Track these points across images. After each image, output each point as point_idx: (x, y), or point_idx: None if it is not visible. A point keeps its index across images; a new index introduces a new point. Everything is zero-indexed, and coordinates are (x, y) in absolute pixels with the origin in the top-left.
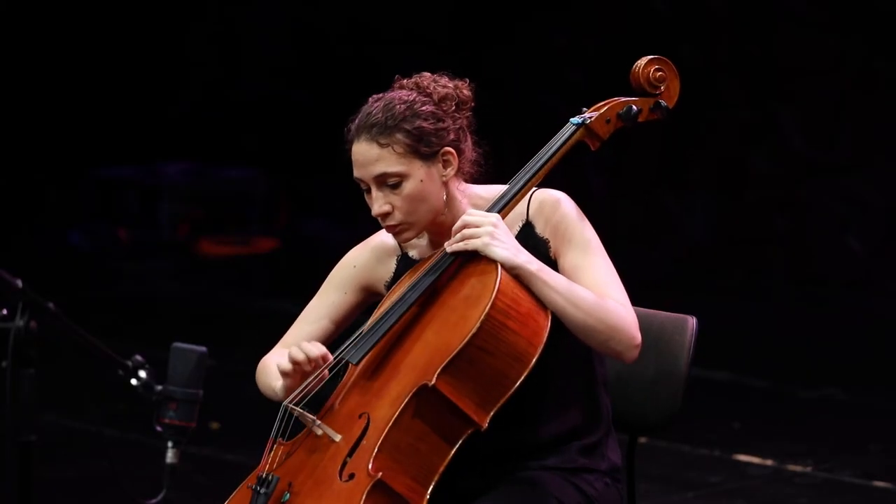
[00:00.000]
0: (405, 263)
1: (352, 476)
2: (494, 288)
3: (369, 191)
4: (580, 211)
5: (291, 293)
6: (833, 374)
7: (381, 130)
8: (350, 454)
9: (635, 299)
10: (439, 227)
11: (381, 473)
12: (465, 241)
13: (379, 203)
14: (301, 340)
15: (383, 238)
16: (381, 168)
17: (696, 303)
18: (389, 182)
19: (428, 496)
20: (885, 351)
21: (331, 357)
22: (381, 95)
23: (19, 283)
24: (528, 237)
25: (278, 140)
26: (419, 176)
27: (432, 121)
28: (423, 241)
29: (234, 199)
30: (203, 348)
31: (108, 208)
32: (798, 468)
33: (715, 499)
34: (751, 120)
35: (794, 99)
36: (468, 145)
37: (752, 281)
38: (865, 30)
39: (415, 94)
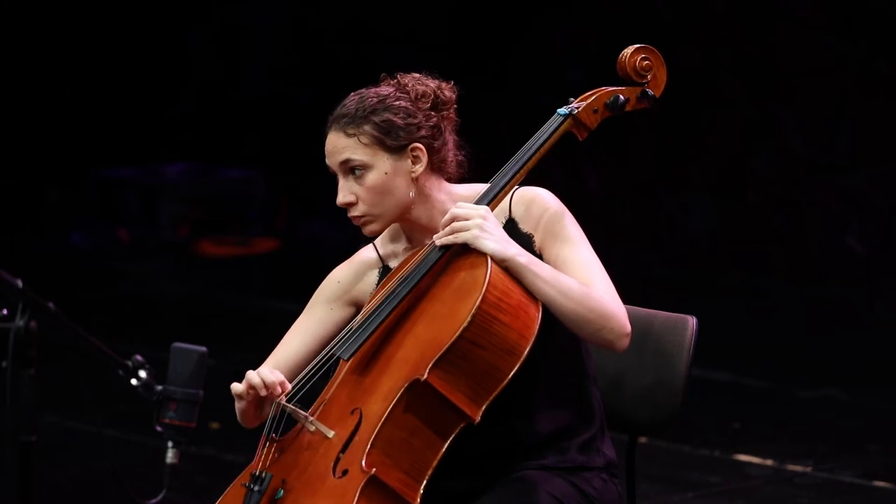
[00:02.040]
0: (385, 275)
1: (345, 472)
2: (485, 281)
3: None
4: (562, 205)
5: (291, 294)
6: (833, 374)
7: (350, 121)
8: (343, 450)
9: (635, 300)
10: (413, 225)
11: (374, 469)
12: (455, 234)
13: (343, 192)
14: (290, 356)
15: (365, 253)
16: (345, 155)
17: (696, 303)
18: (354, 171)
19: (422, 490)
20: (885, 351)
21: (289, 386)
22: (361, 91)
23: (19, 283)
24: (512, 234)
25: (278, 140)
26: (383, 168)
27: (402, 115)
28: (401, 246)
29: (234, 199)
30: (203, 348)
31: (108, 208)
32: (798, 468)
33: (715, 499)
34: (751, 120)
35: (794, 99)
36: (446, 145)
37: (752, 281)
38: (866, 30)
39: (392, 90)
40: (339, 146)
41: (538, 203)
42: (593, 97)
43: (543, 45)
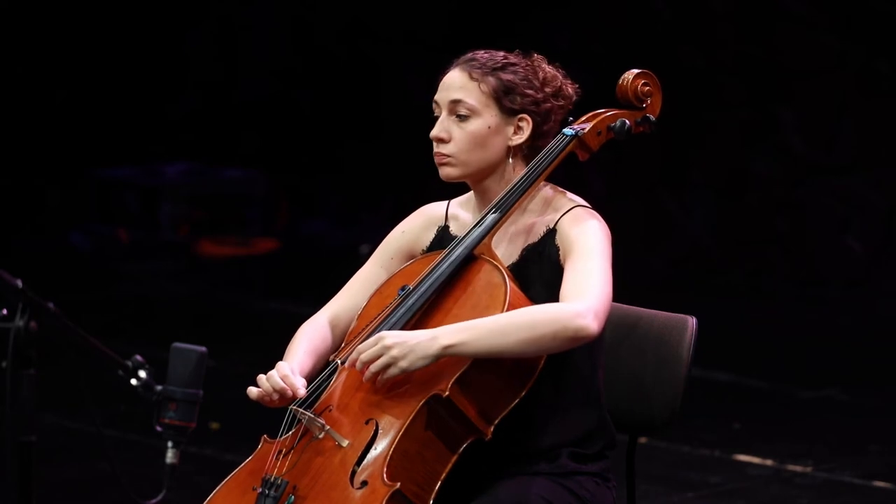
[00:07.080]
0: (442, 236)
1: (365, 483)
2: (505, 300)
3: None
4: (607, 234)
5: (291, 294)
6: (833, 374)
7: (478, 67)
8: (359, 461)
9: (635, 300)
10: (484, 195)
11: (399, 484)
12: (386, 370)
13: (440, 128)
14: (351, 305)
15: (434, 208)
16: (459, 94)
17: (696, 303)
18: (460, 112)
19: (432, 502)
20: (885, 351)
21: (303, 392)
22: (492, 50)
23: (19, 283)
24: (546, 241)
25: (278, 140)
26: (489, 122)
27: (525, 84)
28: (468, 214)
29: (234, 199)
30: (203, 348)
31: (108, 209)
32: (798, 468)
33: (715, 499)
34: (751, 120)
35: (794, 99)
36: (547, 135)
37: (752, 281)
38: (866, 30)
39: (523, 63)
40: (458, 83)
41: (581, 222)
42: (597, 119)
43: (543, 45)
